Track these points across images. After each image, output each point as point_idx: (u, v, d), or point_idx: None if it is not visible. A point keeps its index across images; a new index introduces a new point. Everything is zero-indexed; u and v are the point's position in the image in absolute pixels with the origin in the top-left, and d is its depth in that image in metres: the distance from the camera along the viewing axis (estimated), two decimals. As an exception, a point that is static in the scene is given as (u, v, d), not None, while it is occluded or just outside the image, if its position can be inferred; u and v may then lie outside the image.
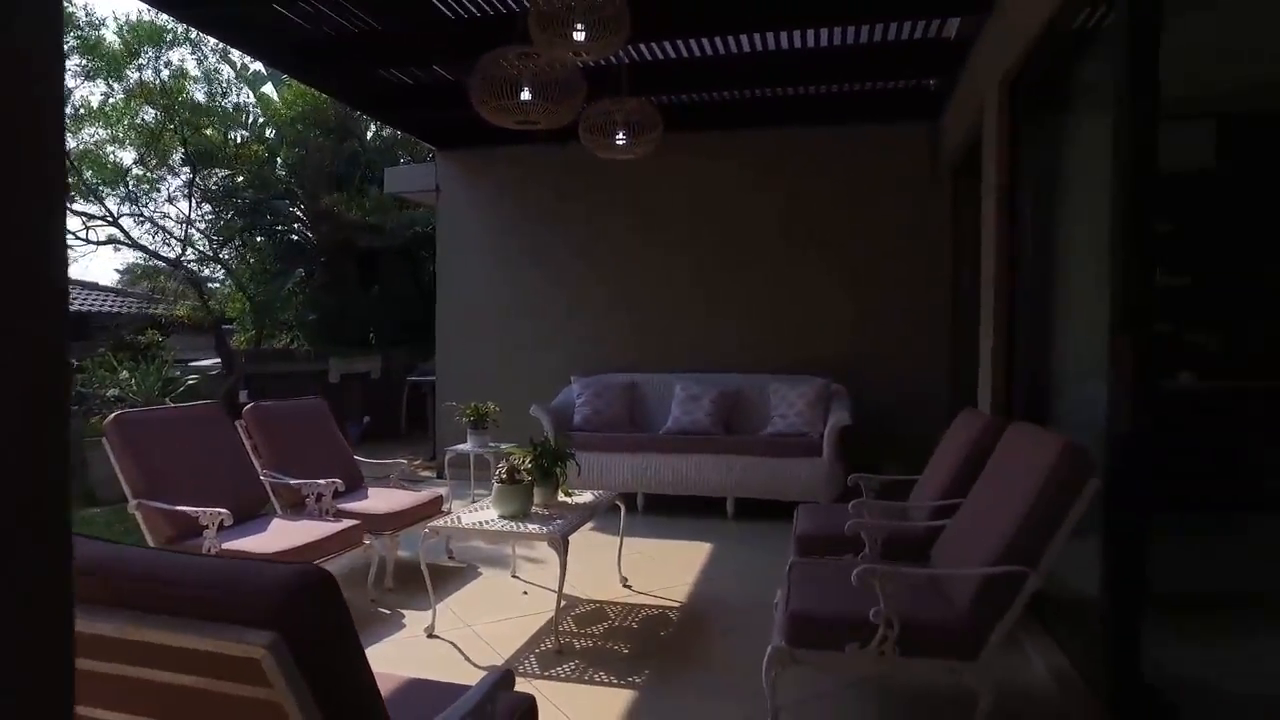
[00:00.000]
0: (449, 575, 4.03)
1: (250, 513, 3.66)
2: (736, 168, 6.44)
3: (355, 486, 4.34)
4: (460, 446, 5.49)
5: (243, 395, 7.98)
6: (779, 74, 5.57)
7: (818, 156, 6.31)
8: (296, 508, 3.85)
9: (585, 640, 3.21)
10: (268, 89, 10.99)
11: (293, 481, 3.83)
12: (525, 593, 3.79)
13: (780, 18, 4.59)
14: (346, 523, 3.59)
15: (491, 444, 5.34)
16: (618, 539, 4.04)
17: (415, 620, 3.42)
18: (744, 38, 5.09)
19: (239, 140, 10.45)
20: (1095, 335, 2.77)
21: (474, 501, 3.86)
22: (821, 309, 6.30)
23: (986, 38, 4.35)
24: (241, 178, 10.34)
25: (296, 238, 11.14)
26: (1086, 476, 2.24)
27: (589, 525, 5.17)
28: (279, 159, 10.75)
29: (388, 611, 3.56)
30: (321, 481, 3.75)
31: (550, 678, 2.88)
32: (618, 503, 3.96)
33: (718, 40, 5.12)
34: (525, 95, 3.31)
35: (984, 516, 2.60)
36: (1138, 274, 2.51)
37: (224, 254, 10.68)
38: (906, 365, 6.12)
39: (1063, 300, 3.60)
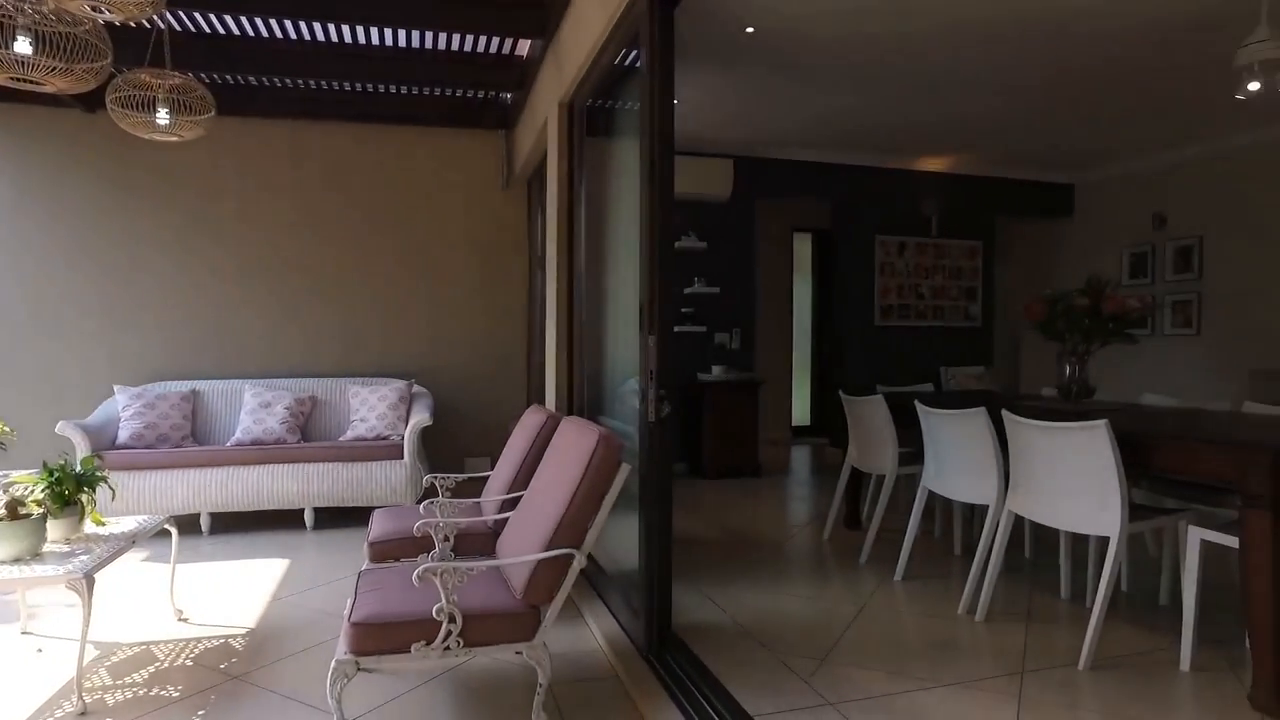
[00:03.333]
0: (-72, 643, 3.21)
1: None
2: (315, 162, 6.11)
3: None
4: (-51, 479, 4.39)
5: None
6: (355, 69, 5.39)
7: (397, 156, 6.25)
8: None
9: (122, 692, 2.80)
10: None
11: None
12: (40, 650, 3.18)
13: (347, 11, 4.45)
14: None
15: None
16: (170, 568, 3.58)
17: None
18: (318, 25, 4.85)
19: None
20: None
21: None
22: (403, 310, 6.28)
23: (549, 61, 4.71)
24: None
25: None
26: (619, 462, 2.56)
27: (141, 556, 4.49)
28: None
29: None
30: None
31: (71, 743, 2.47)
32: (168, 526, 3.51)
33: (288, 23, 4.80)
34: (22, 47, 2.75)
35: (539, 505, 2.83)
36: (661, 283, 2.93)
37: None
38: (489, 365, 6.40)
39: (613, 305, 4.05)
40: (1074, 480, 2.96)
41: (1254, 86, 3.80)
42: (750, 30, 4.56)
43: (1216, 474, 2.60)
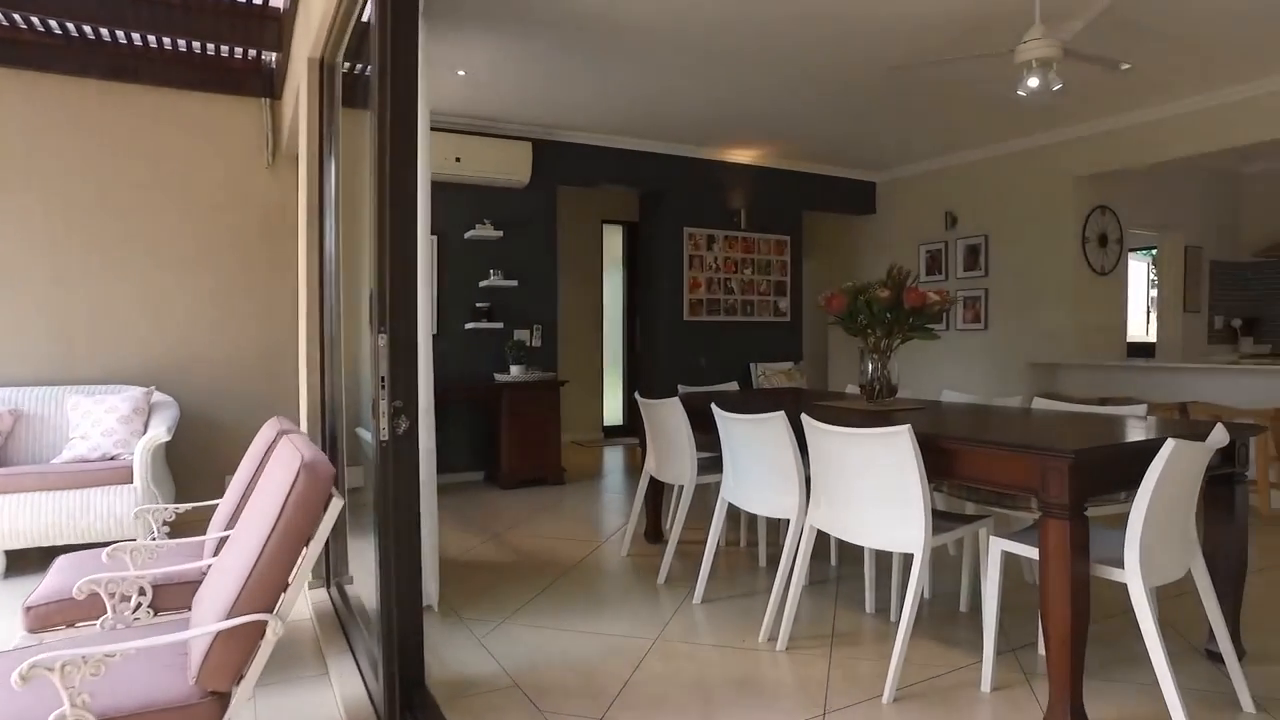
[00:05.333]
0: None
1: None
2: (32, 120, 4.93)
3: None
4: None
5: None
6: (81, 5, 4.36)
7: (144, 122, 5.19)
8: None
9: None
10: None
11: None
12: None
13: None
14: None
15: None
16: None
17: None
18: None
19: None
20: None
21: None
22: (146, 303, 5.22)
23: (301, 11, 3.98)
24: None
25: None
26: (328, 496, 1.97)
27: None
28: None
29: None
30: None
31: None
32: None
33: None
34: None
35: (237, 551, 2.18)
36: (397, 264, 2.35)
37: None
38: (256, 367, 5.48)
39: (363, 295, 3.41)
40: (875, 492, 2.67)
41: (1033, 83, 3.81)
42: (536, -11, 4.06)
43: (1018, 481, 2.38)
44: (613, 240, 8.98)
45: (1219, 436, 2.38)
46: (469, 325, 6.34)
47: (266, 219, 5.53)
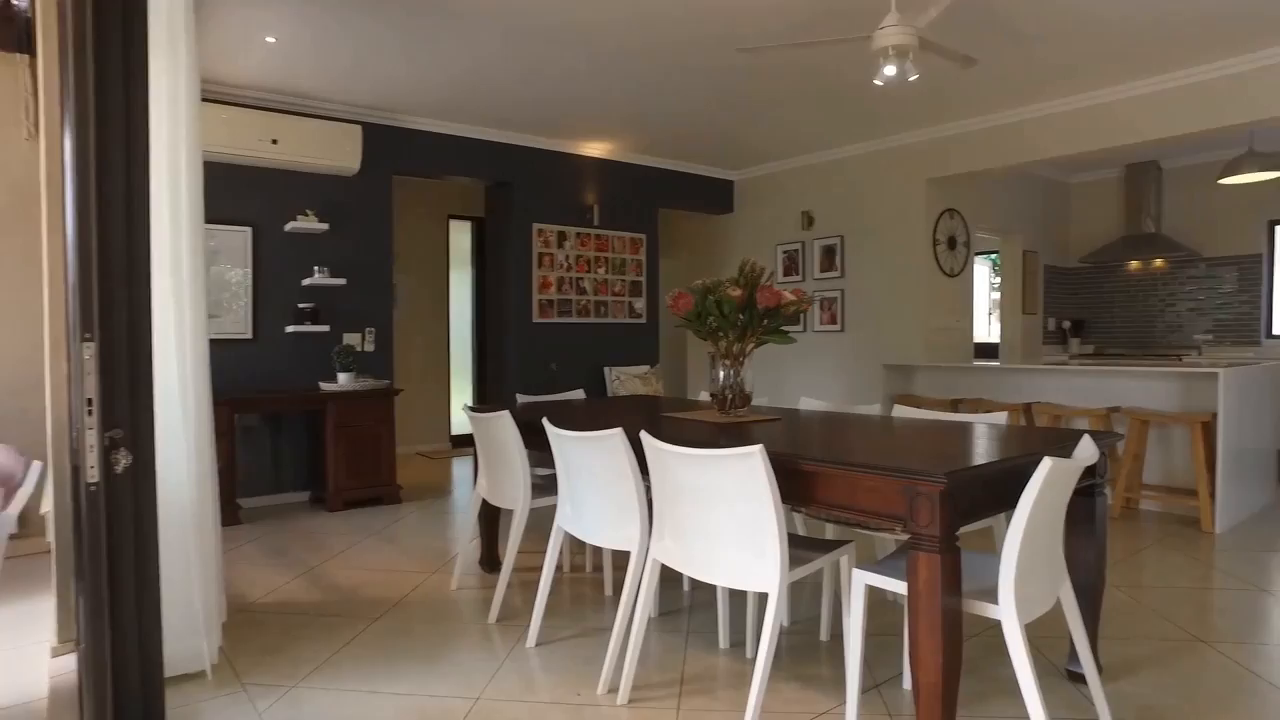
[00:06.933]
0: None
1: None
2: None
3: None
4: None
5: None
6: None
7: None
8: None
9: None
10: None
11: None
12: None
13: None
14: None
15: None
16: None
17: None
18: None
19: None
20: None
21: None
22: None
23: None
24: None
25: None
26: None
27: None
28: None
29: None
30: None
31: None
32: None
33: None
34: None
35: None
36: (115, 256, 1.79)
37: None
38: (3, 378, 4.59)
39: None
40: (724, 521, 2.33)
41: (890, 71, 3.66)
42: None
43: (884, 508, 2.09)
44: (460, 236, 8.40)
45: (1090, 451, 2.18)
46: (290, 328, 5.62)
47: (23, 202, 4.64)
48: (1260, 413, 5.22)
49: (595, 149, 7.21)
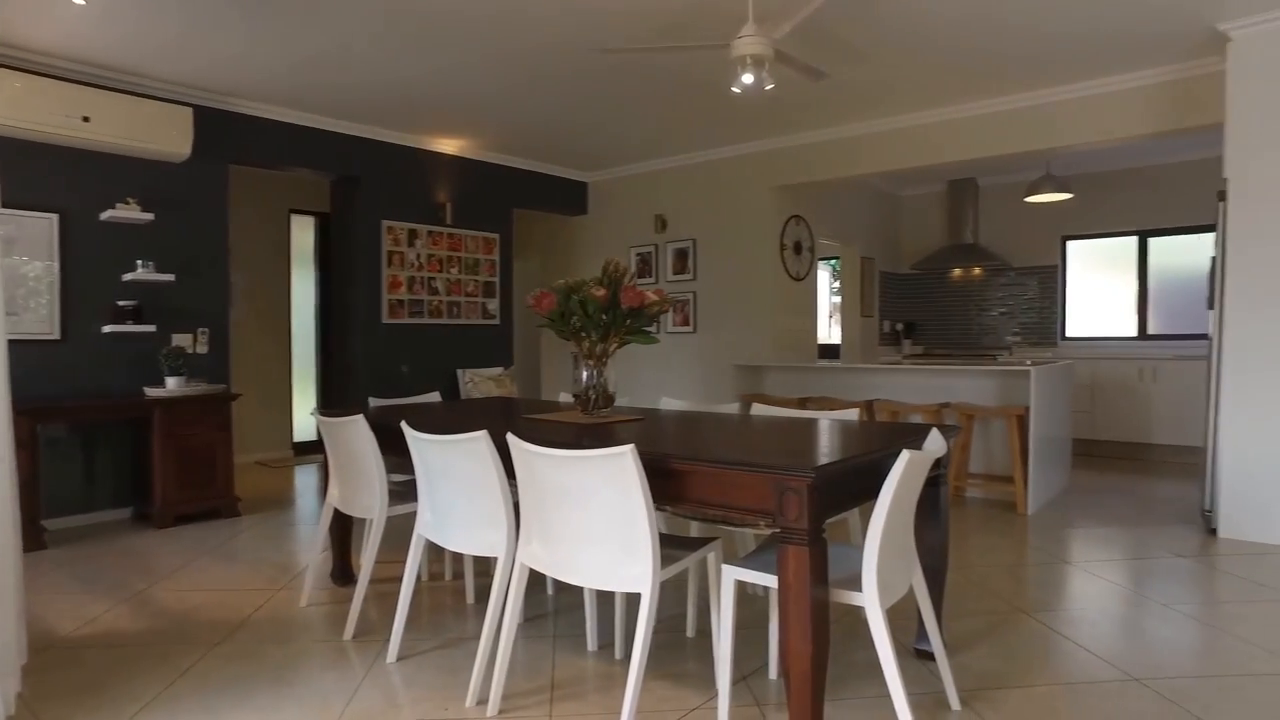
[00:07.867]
0: None
1: None
2: None
3: None
4: None
5: None
6: None
7: None
8: None
9: None
10: None
11: None
12: None
13: None
14: None
15: None
16: None
17: None
18: None
19: None
20: None
21: None
22: None
23: None
24: None
25: None
26: None
27: None
28: None
29: None
30: None
31: None
32: None
33: None
34: None
35: None
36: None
37: None
38: None
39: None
40: (594, 523, 2.31)
41: (747, 79, 3.78)
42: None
43: (754, 504, 2.15)
44: (303, 232, 7.93)
45: (939, 444, 2.34)
46: (108, 328, 5.10)
47: None
48: (1059, 405, 5.81)
49: (449, 145, 7.01)
